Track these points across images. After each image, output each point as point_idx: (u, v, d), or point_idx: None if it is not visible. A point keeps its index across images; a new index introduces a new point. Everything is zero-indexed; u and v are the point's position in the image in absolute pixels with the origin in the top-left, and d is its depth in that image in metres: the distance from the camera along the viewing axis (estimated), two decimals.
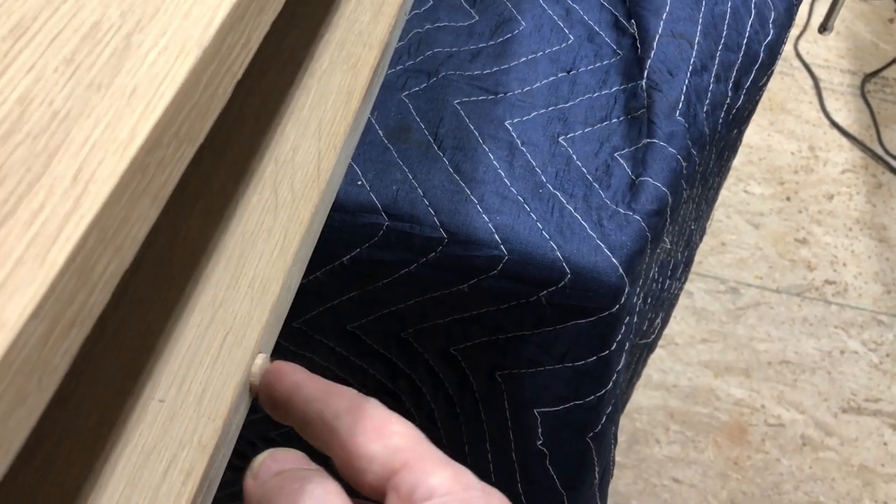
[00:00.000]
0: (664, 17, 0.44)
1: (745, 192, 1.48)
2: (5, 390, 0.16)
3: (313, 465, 0.26)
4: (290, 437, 0.57)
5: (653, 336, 0.55)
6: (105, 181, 0.19)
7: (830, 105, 1.57)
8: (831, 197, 1.47)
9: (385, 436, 0.24)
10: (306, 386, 0.26)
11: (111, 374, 0.30)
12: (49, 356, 0.17)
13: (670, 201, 0.39)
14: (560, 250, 0.38)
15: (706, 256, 1.40)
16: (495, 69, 0.45)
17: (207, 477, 0.29)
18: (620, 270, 0.37)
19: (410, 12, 0.48)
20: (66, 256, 0.17)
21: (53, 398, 0.29)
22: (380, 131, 0.42)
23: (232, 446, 0.31)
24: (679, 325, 1.34)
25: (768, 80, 0.53)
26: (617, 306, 0.38)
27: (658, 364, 1.30)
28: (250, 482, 0.26)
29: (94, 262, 0.18)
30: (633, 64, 0.44)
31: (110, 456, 0.28)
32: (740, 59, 0.46)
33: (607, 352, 0.39)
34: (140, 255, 0.34)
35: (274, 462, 0.27)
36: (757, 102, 0.55)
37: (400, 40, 0.46)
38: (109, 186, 0.19)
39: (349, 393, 0.26)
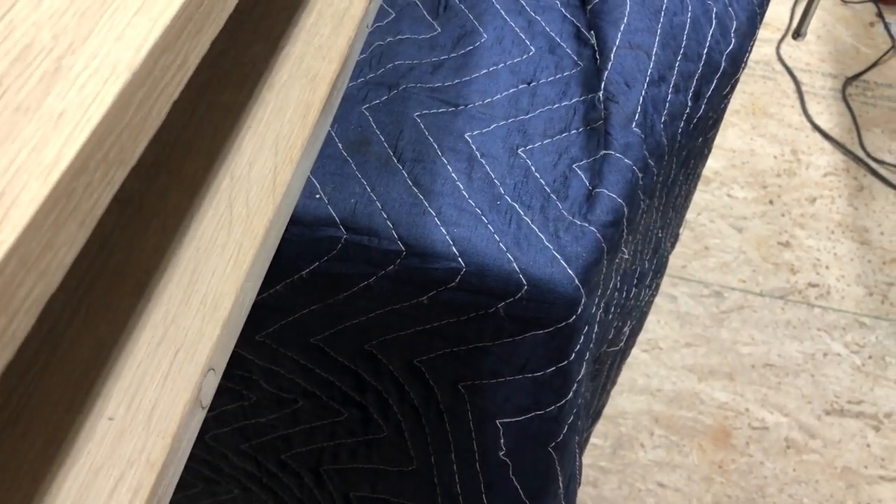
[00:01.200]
0: (622, 28, 0.45)
1: (729, 196, 1.49)
2: None
3: None
4: (263, 448, 0.57)
5: (621, 343, 0.56)
6: (28, 205, 0.19)
7: (812, 108, 1.58)
8: (814, 200, 1.48)
9: None
10: None
11: (61, 391, 0.30)
12: None
13: (626, 212, 0.39)
14: (517, 262, 0.38)
15: (689, 261, 1.40)
16: (456, 81, 0.45)
17: (156, 494, 0.29)
18: (576, 282, 0.37)
19: (373, 25, 0.48)
20: None
21: (1, 418, 0.29)
22: (339, 144, 0.42)
23: (183, 463, 0.31)
24: (663, 329, 1.34)
25: (733, 88, 0.53)
26: (574, 317, 0.38)
27: (642, 368, 1.30)
28: None
29: (15, 288, 0.18)
30: (592, 75, 0.44)
31: (57, 476, 0.28)
32: (700, 68, 0.47)
33: (566, 362, 0.40)
34: (95, 272, 0.34)
35: None
36: (723, 111, 0.55)
37: (362, 53, 0.46)
38: (31, 210, 0.19)
39: None
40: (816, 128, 1.54)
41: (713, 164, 1.51)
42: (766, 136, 1.55)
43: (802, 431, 1.25)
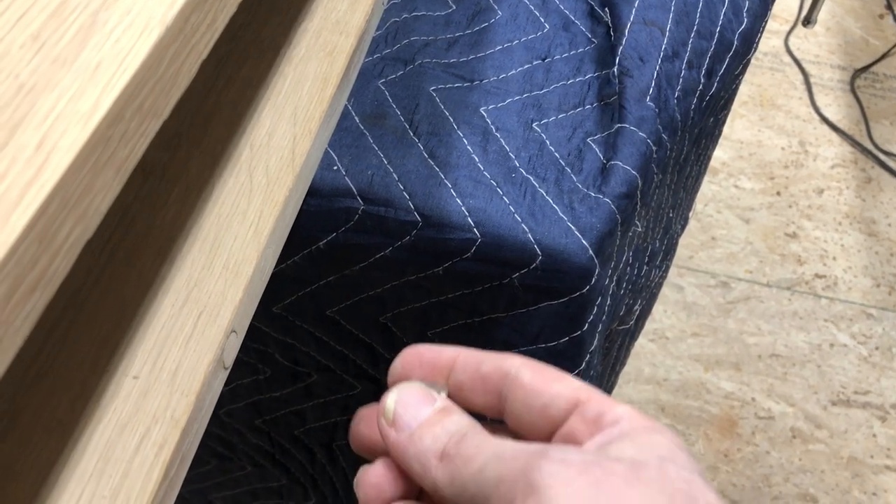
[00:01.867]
0: (636, 4, 0.45)
1: (736, 186, 1.49)
2: None
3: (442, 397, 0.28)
4: (276, 423, 0.57)
5: (632, 322, 0.56)
6: (67, 150, 0.19)
7: (820, 100, 1.58)
8: (821, 192, 1.48)
9: (566, 379, 0.26)
10: (463, 352, 0.28)
11: (87, 351, 0.31)
12: (10, 318, 0.18)
13: (640, 185, 0.40)
14: (532, 233, 0.38)
15: (696, 251, 1.40)
16: (471, 57, 0.45)
17: (180, 451, 0.29)
18: (590, 252, 0.38)
19: (388, 2, 0.48)
20: (26, 221, 0.18)
21: (29, 376, 0.30)
22: (356, 117, 0.43)
23: (205, 423, 0.32)
24: (669, 318, 1.34)
25: (745, 68, 0.53)
26: (587, 287, 0.38)
27: (649, 358, 1.31)
28: (391, 433, 0.27)
29: (56, 229, 0.19)
30: (606, 52, 0.45)
31: (84, 431, 0.29)
32: (713, 46, 0.47)
33: (579, 332, 0.40)
34: (119, 238, 0.35)
35: (405, 411, 0.27)
36: (734, 91, 0.55)
37: (378, 29, 0.47)
38: (72, 155, 0.19)
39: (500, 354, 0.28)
40: (824, 119, 1.54)
41: (721, 154, 1.51)
42: (774, 128, 1.55)
43: (808, 421, 1.25)
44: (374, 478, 0.27)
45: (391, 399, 0.27)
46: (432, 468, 0.25)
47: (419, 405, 0.27)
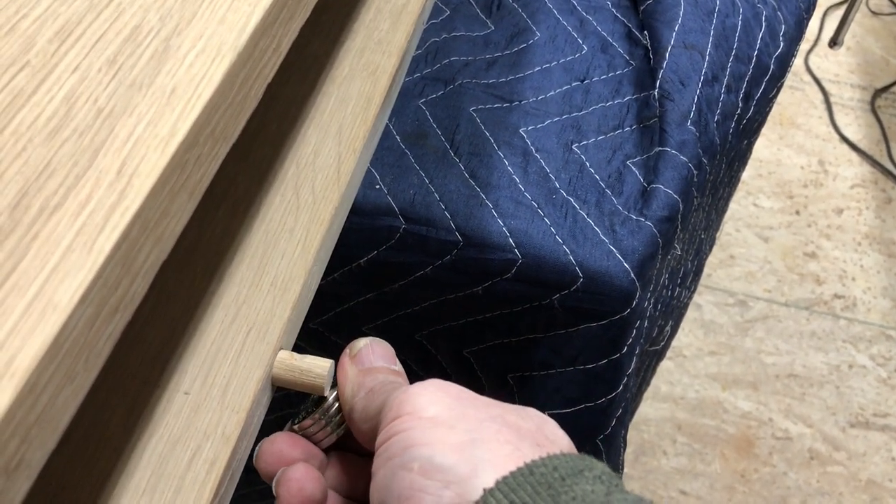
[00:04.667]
0: (676, 28, 0.45)
1: (755, 205, 1.49)
2: (56, 369, 0.17)
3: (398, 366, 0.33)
4: None
5: (662, 343, 0.56)
6: (148, 175, 0.20)
7: (840, 120, 1.57)
8: (841, 211, 1.47)
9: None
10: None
11: (139, 366, 0.31)
12: (95, 339, 0.18)
13: (681, 208, 0.40)
14: (573, 254, 0.39)
15: (715, 269, 1.40)
16: (510, 78, 0.46)
17: (230, 468, 0.30)
18: (632, 275, 0.38)
19: (427, 22, 0.49)
20: (112, 245, 0.18)
21: None
22: (397, 137, 0.43)
23: (254, 438, 0.32)
24: (687, 337, 1.34)
25: (778, 91, 0.54)
26: (628, 310, 0.39)
27: (666, 376, 1.30)
28: (348, 362, 0.32)
29: (136, 252, 0.19)
30: (645, 74, 0.45)
31: (137, 445, 0.29)
32: (751, 70, 0.47)
33: (618, 355, 0.40)
34: (168, 255, 0.35)
35: (371, 353, 0.33)
36: (767, 114, 0.56)
37: (417, 49, 0.47)
38: (152, 180, 0.20)
39: None
40: (844, 139, 1.54)
41: None
42: (794, 147, 1.55)
43: (826, 443, 1.24)
44: (275, 446, 0.32)
45: (364, 341, 0.32)
46: (359, 397, 0.30)
47: (384, 356, 0.33)
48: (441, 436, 0.25)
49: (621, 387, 0.42)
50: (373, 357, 0.32)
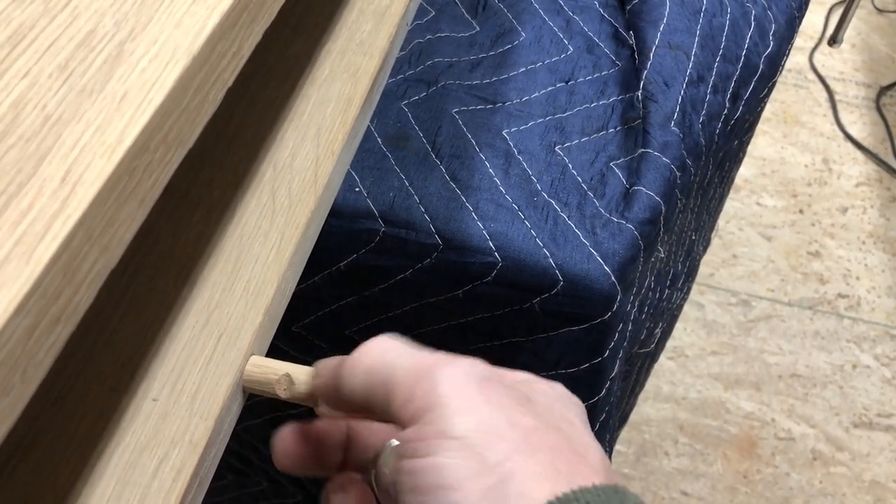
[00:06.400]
0: (661, 28, 0.45)
1: (758, 204, 1.47)
2: None
3: None
4: None
5: (653, 345, 0.55)
6: (92, 183, 0.19)
7: (845, 118, 1.56)
8: (845, 210, 1.46)
9: None
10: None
11: (108, 373, 0.31)
12: (33, 350, 0.18)
13: (663, 210, 0.39)
14: (553, 258, 0.38)
15: (717, 269, 1.39)
16: (494, 79, 0.45)
17: (198, 475, 0.29)
18: (613, 278, 0.37)
19: (412, 23, 0.48)
20: (51, 254, 0.18)
21: (49, 397, 0.30)
22: (378, 139, 0.43)
23: (223, 445, 0.31)
24: (689, 336, 1.33)
25: (770, 91, 0.53)
26: (609, 314, 0.38)
27: (668, 376, 1.30)
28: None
29: (80, 261, 0.19)
30: (630, 75, 0.45)
31: (103, 454, 0.29)
32: (739, 70, 0.47)
33: (600, 359, 0.40)
34: (141, 259, 0.35)
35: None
36: (759, 113, 0.55)
37: (401, 50, 0.47)
38: (96, 188, 0.19)
39: None
40: (849, 137, 1.53)
41: (743, 171, 1.50)
42: (798, 145, 1.54)
43: (829, 444, 1.23)
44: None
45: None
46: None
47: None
48: (472, 475, 0.24)
49: (604, 391, 0.41)
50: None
